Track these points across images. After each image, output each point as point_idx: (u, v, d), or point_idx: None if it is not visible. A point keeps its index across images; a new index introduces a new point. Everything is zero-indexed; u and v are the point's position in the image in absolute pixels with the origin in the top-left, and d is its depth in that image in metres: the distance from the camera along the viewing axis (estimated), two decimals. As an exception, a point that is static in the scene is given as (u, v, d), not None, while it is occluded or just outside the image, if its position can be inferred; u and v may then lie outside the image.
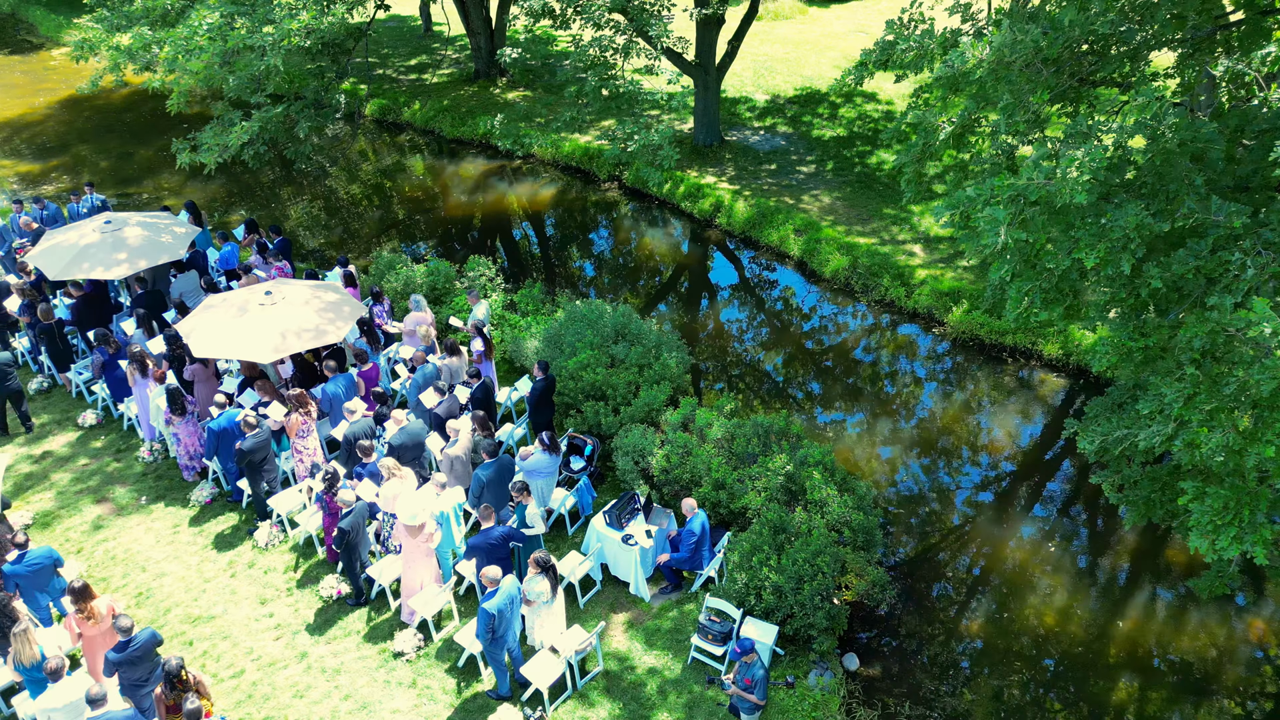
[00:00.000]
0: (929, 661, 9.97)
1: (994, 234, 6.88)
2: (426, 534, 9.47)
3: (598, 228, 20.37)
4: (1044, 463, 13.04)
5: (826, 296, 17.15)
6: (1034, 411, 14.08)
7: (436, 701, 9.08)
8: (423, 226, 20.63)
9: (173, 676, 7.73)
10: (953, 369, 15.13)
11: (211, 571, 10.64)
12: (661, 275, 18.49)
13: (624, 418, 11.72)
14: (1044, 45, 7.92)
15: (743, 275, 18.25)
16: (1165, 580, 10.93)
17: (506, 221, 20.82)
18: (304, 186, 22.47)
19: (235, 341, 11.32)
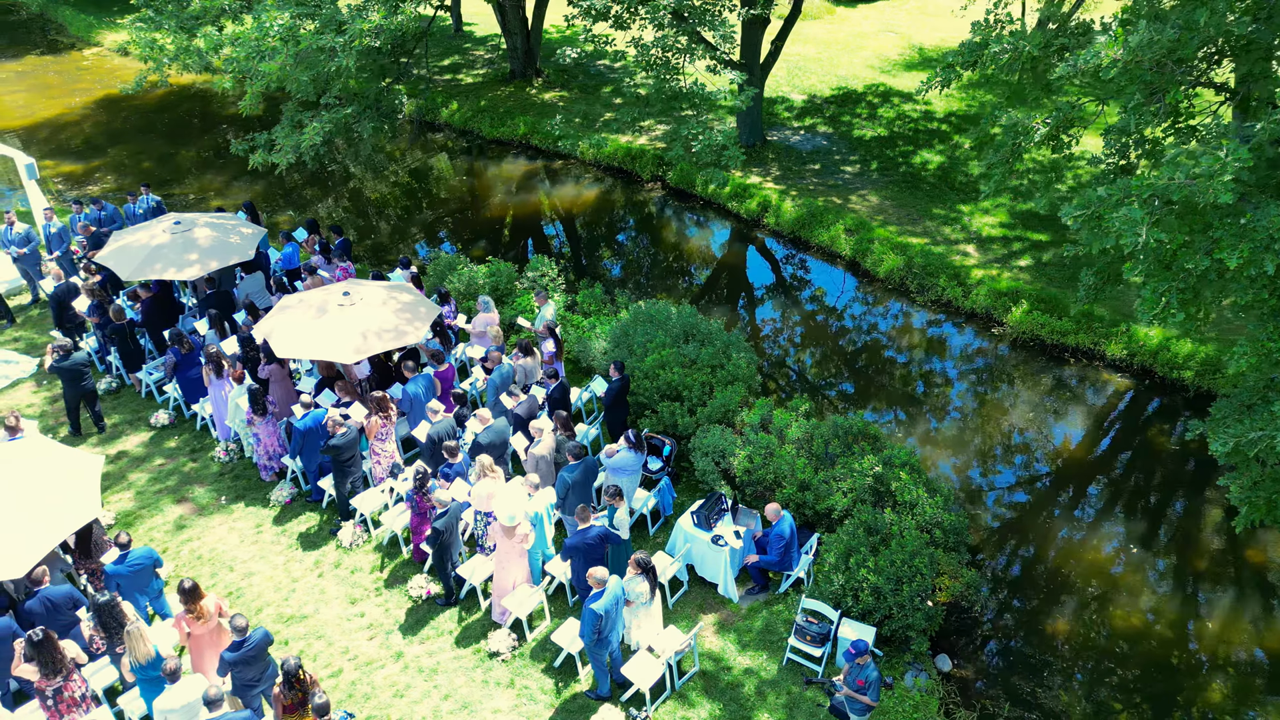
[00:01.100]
0: (1019, 662, 9.97)
1: (1133, 234, 6.85)
2: (522, 535, 9.49)
3: (646, 228, 20.37)
4: (1118, 463, 13.02)
5: (881, 297, 17.14)
6: (1104, 412, 14.06)
7: (536, 701, 9.10)
8: (470, 227, 20.65)
9: (292, 676, 7.76)
10: (1016, 369, 15.11)
11: (299, 571, 10.67)
12: (713, 275, 18.49)
13: (700, 418, 11.73)
14: (1178, 44, 7.89)
15: (795, 275, 18.23)
16: (1254, 580, 10.92)
17: (553, 221, 20.83)
18: (346, 187, 22.52)
19: (317, 342, 11.35)
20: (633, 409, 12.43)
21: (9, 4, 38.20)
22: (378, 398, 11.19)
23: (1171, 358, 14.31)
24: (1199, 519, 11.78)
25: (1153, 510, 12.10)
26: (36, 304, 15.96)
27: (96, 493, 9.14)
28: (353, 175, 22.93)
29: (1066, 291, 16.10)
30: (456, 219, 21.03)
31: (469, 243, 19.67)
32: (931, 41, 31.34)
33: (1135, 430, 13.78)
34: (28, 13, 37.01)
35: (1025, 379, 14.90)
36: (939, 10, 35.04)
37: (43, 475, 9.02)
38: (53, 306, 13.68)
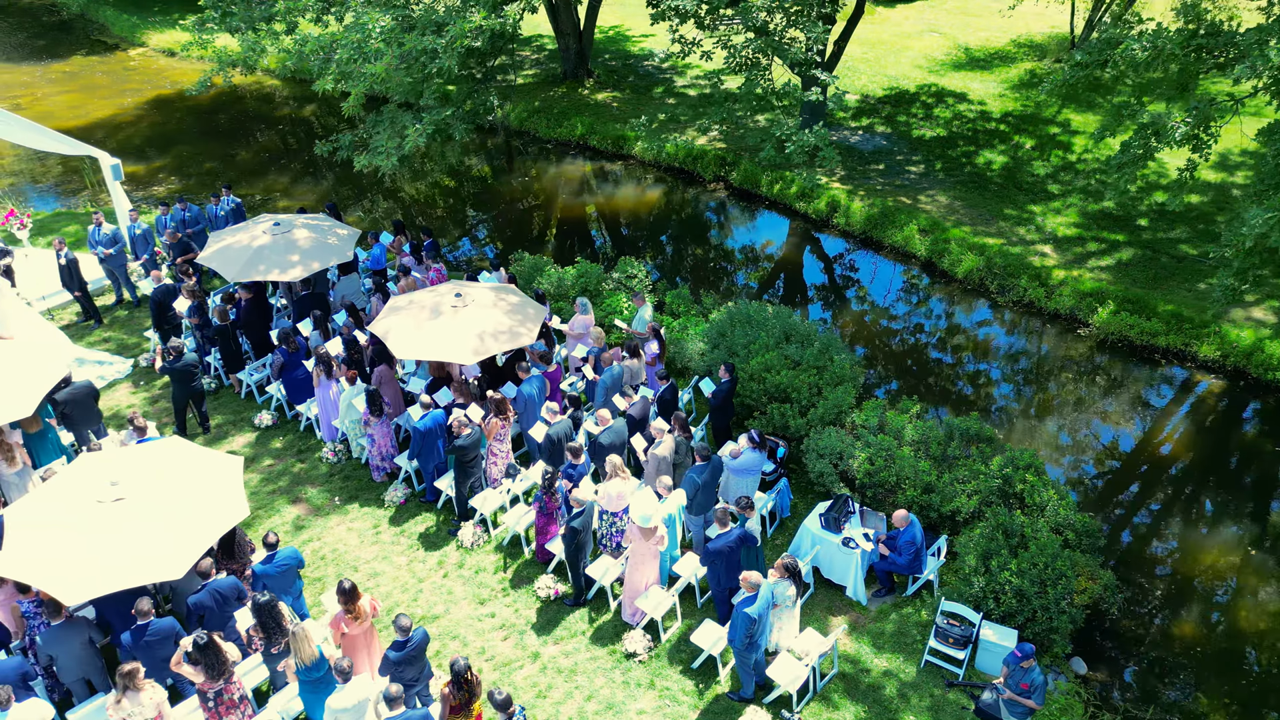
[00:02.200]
0: (1152, 663, 9.95)
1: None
2: (659, 536, 9.51)
3: (716, 228, 20.38)
4: (1222, 464, 12.99)
5: (960, 298, 17.12)
6: (1202, 413, 14.04)
7: (679, 703, 9.12)
8: (538, 227, 20.67)
9: (461, 676, 7.79)
10: (1107, 370, 15.08)
11: (423, 571, 10.71)
12: (788, 275, 18.47)
13: (812, 419, 11.73)
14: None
15: (871, 275, 18.20)
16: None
17: (622, 222, 20.82)
18: (412, 188, 22.56)
19: (434, 343, 11.38)
20: (738, 410, 12.44)
21: (50, 5, 38.37)
22: (497, 399, 11.21)
23: (1266, 359, 14.27)
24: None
25: (1268, 512, 12.07)
26: (121, 304, 16.04)
27: (242, 493, 9.18)
28: (416, 176, 22.96)
29: (1152, 292, 16.08)
30: (521, 219, 21.05)
31: (539, 243, 19.68)
32: (976, 42, 31.28)
33: (1234, 431, 13.76)
34: (68, 13, 37.12)
35: (1118, 380, 14.87)
36: (979, 9, 34.96)
37: (189, 476, 9.05)
38: (152, 308, 13.73)
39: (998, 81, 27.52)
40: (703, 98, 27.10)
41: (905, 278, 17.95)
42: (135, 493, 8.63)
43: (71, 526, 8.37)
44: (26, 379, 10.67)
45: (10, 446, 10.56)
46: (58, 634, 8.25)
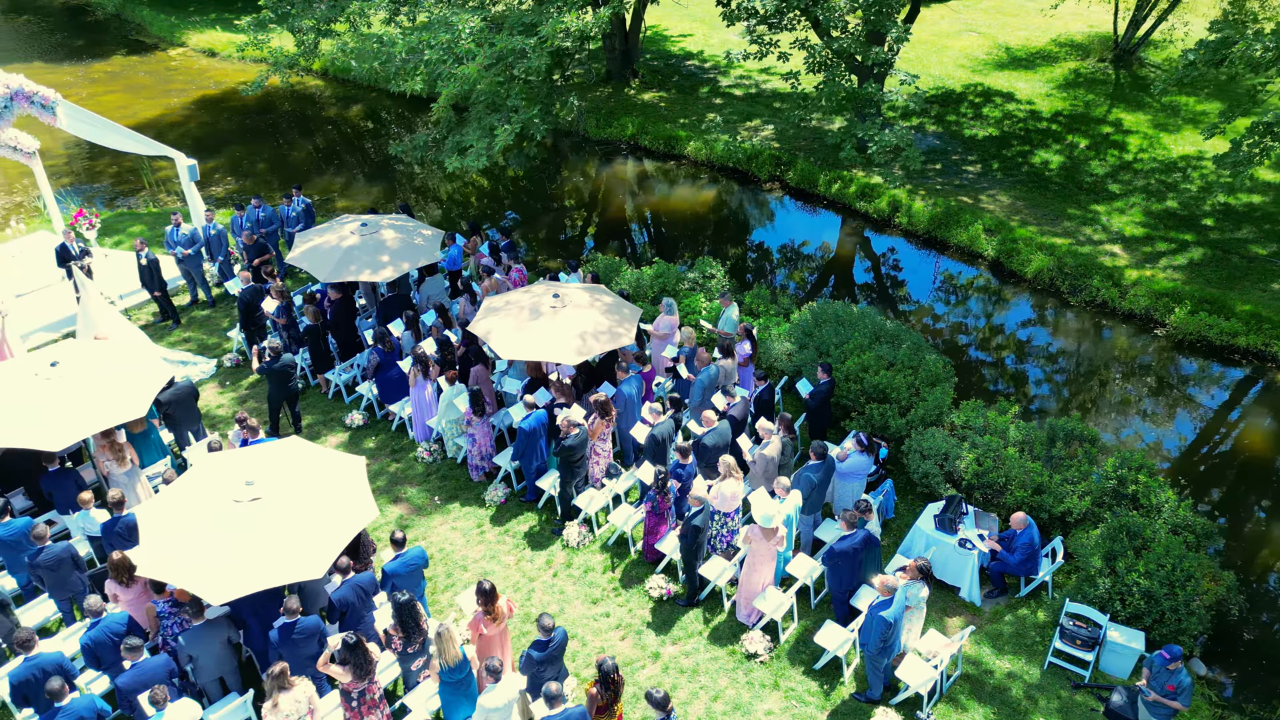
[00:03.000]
0: (1276, 666, 9.92)
1: None
2: (779, 537, 9.51)
3: (778, 227, 20.34)
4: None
5: (1031, 298, 17.08)
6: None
7: (805, 704, 9.12)
8: (596, 227, 20.67)
9: (609, 675, 7.81)
10: (1188, 370, 15.04)
11: (532, 570, 10.72)
12: (854, 275, 18.44)
13: (912, 420, 11.72)
14: None
15: (938, 275, 18.16)
16: None
17: (681, 222, 20.78)
18: (468, 189, 22.55)
19: (537, 343, 11.40)
20: (834, 410, 12.43)
21: (84, 5, 38.47)
22: (601, 400, 11.22)
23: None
24: None
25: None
26: (195, 304, 16.08)
27: (368, 492, 9.19)
28: (473, 177, 22.94)
29: (1228, 292, 16.03)
30: (578, 219, 21.05)
31: (600, 244, 19.68)
32: (1016, 41, 31.23)
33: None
34: (103, 13, 37.21)
35: (1201, 380, 14.84)
36: (1014, 9, 34.92)
37: (319, 475, 9.07)
38: (240, 308, 13.77)
39: (1043, 81, 27.47)
40: (749, 97, 27.17)
41: (973, 278, 17.92)
42: (271, 492, 8.65)
43: (210, 526, 8.39)
44: (136, 380, 10.70)
45: (121, 447, 10.60)
46: (200, 633, 8.28)
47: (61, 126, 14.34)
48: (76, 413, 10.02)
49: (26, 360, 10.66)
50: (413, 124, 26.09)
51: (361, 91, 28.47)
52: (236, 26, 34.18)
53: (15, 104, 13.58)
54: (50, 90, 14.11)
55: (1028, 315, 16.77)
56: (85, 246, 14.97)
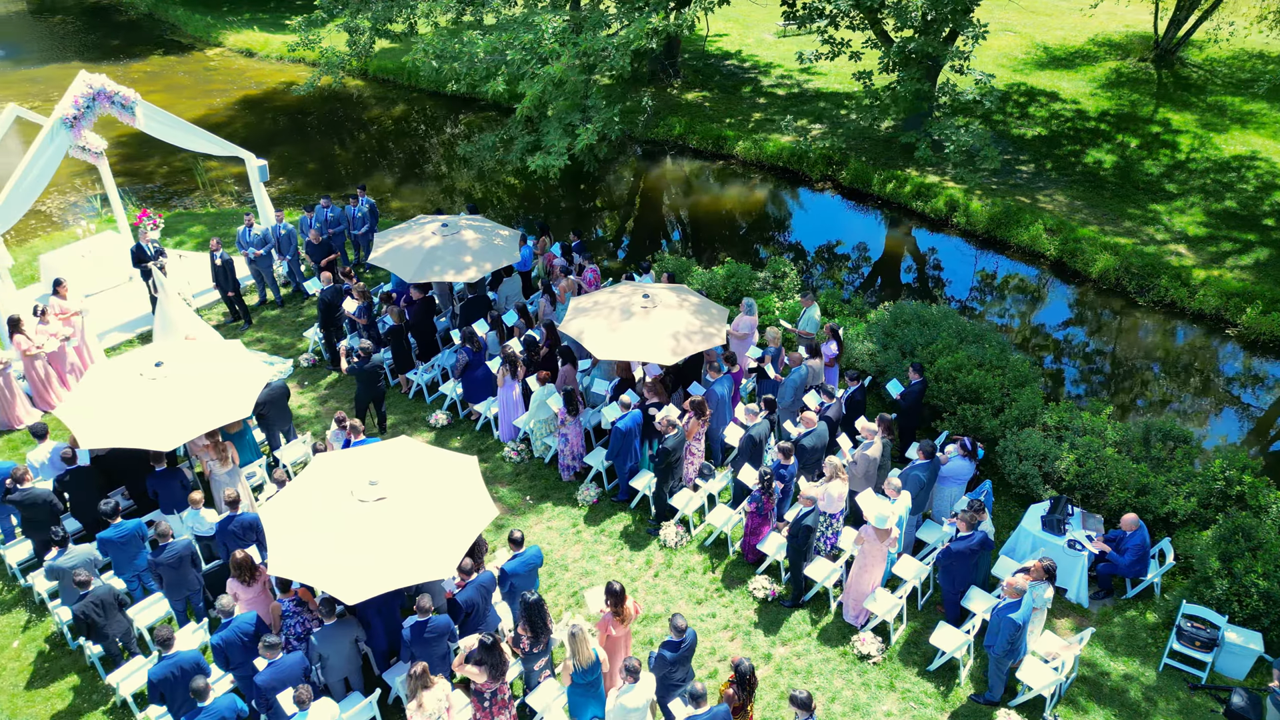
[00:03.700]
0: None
1: None
2: (892, 538, 9.50)
3: (835, 227, 20.31)
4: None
5: (1096, 298, 17.03)
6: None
7: (924, 705, 9.10)
8: (653, 227, 20.62)
9: (746, 676, 7.81)
10: (1267, 369, 14.99)
11: (632, 570, 10.72)
12: (915, 274, 18.39)
13: (1006, 420, 11.70)
14: None
15: (1000, 274, 18.11)
16: None
17: (739, 221, 20.76)
18: (519, 189, 22.54)
19: (632, 343, 11.41)
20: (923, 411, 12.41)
21: (116, 4, 38.55)
22: (696, 400, 11.22)
23: None
24: None
25: None
26: (264, 305, 16.11)
27: (485, 492, 9.20)
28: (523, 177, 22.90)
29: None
30: (633, 218, 21.00)
31: (660, 243, 19.66)
32: (1054, 40, 31.16)
33: None
34: (136, 12, 37.30)
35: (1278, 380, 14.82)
36: (1048, 8, 34.88)
37: (437, 475, 9.07)
38: (321, 308, 13.78)
39: (1085, 80, 27.39)
40: (792, 97, 27.14)
41: (1036, 278, 17.88)
42: (395, 492, 8.66)
43: (338, 526, 8.40)
44: (239, 380, 10.73)
45: (225, 446, 10.61)
46: (332, 633, 8.29)
47: (139, 126, 14.37)
48: (185, 413, 10.05)
49: (130, 360, 10.68)
50: (456, 124, 26.12)
51: (401, 92, 28.49)
52: (279, 26, 34.36)
53: (98, 104, 13.61)
54: (130, 90, 14.15)
55: (1095, 315, 16.73)
56: (160, 247, 15.00)
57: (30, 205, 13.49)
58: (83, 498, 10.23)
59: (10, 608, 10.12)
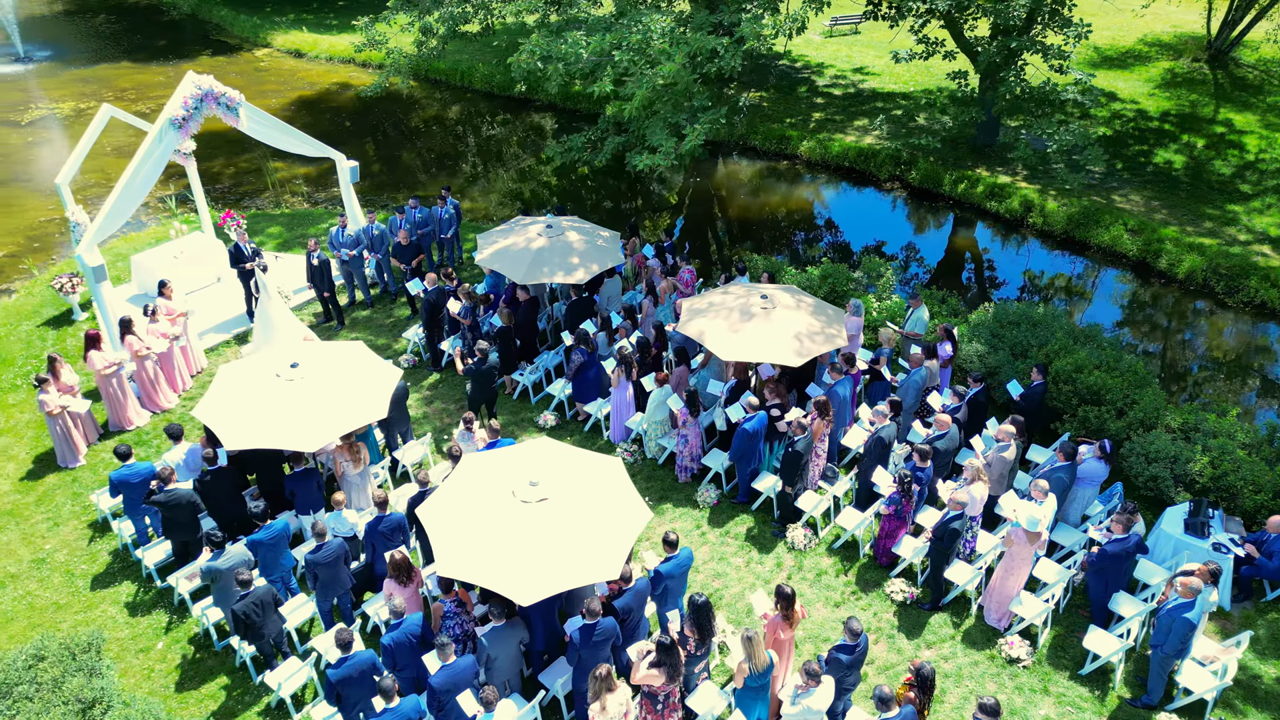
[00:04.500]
0: None
1: None
2: (1042, 540, 9.46)
3: (912, 227, 20.25)
4: None
5: (1183, 299, 16.95)
6: None
7: (1081, 709, 9.05)
8: (726, 227, 20.57)
9: (928, 679, 7.78)
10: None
11: (763, 573, 10.69)
12: (999, 274, 18.28)
13: (1130, 422, 11.64)
14: None
15: (1082, 274, 18.02)
16: None
17: (811, 222, 20.71)
18: (585, 189, 22.50)
19: (756, 344, 11.37)
20: (1039, 412, 12.36)
21: (157, 5, 38.63)
22: (821, 402, 11.18)
23: None
24: None
25: None
26: (354, 305, 16.12)
27: (636, 494, 9.16)
28: (588, 176, 22.89)
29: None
30: (709, 219, 20.94)
31: (737, 242, 19.62)
32: (1104, 41, 31.02)
33: None
34: (178, 13, 37.39)
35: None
36: (1093, 9, 34.68)
37: (585, 476, 9.03)
38: (425, 309, 13.78)
39: (1141, 81, 27.28)
40: (848, 97, 27.08)
41: (1120, 278, 17.79)
42: (556, 493, 8.65)
43: (502, 526, 8.38)
44: (373, 380, 10.73)
45: (358, 448, 10.62)
46: (502, 634, 8.27)
47: (241, 127, 14.38)
48: (325, 413, 10.06)
49: (264, 362, 10.69)
50: (514, 124, 26.13)
51: (454, 93, 28.50)
52: (324, 27, 34.36)
53: (205, 105, 13.62)
54: (235, 92, 14.16)
55: (1187, 317, 16.64)
56: (256, 247, 15.02)
57: (138, 206, 13.51)
58: (220, 498, 10.23)
59: (149, 609, 10.13)
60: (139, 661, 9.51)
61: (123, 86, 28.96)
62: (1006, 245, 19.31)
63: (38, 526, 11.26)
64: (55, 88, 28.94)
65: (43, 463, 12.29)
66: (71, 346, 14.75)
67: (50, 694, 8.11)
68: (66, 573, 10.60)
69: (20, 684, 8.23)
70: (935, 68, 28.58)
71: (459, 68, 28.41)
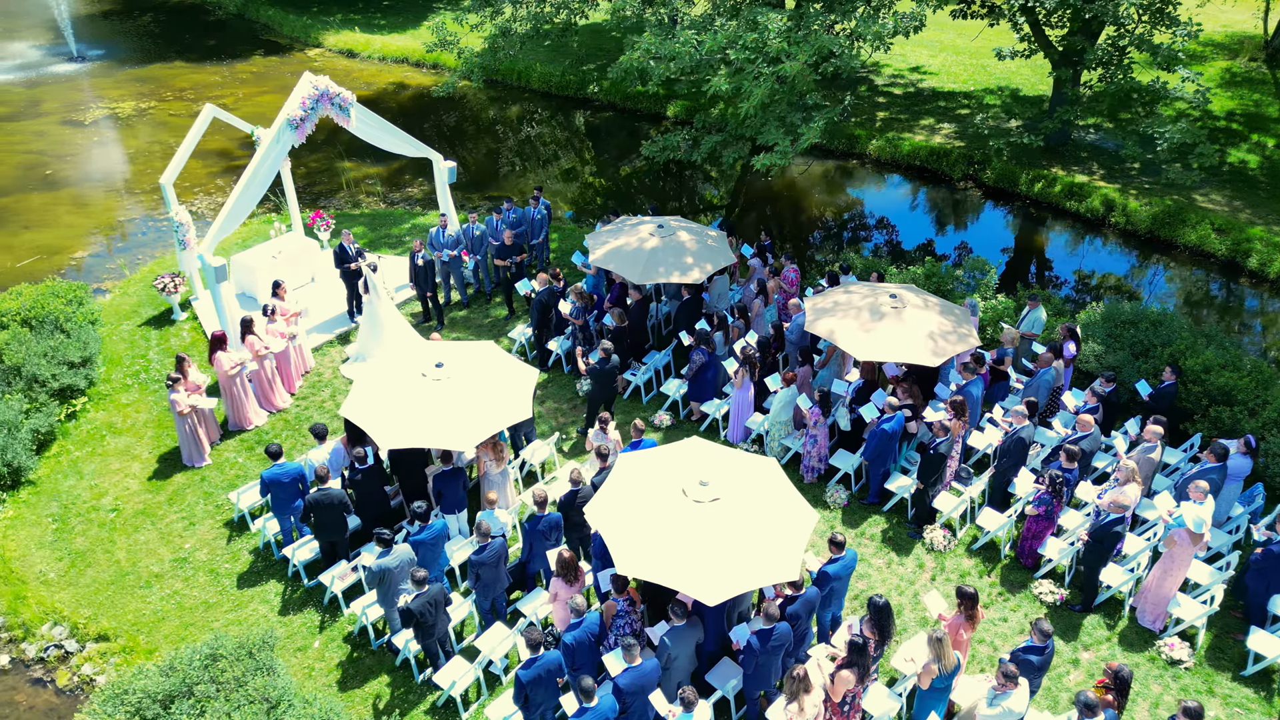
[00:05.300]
0: None
1: None
2: (1204, 542, 9.40)
3: (992, 227, 20.18)
4: None
5: (1275, 296, 16.86)
6: None
7: (1250, 710, 8.98)
8: (809, 226, 20.54)
9: (1127, 681, 7.74)
10: None
11: (906, 574, 10.65)
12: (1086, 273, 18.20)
13: (1264, 421, 11.57)
14: None
15: (1171, 274, 17.92)
16: None
17: (886, 221, 20.64)
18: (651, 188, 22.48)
19: (890, 344, 11.33)
20: (1166, 413, 12.29)
21: (202, 5, 38.70)
22: (958, 401, 11.14)
23: None
24: None
25: None
26: (449, 306, 16.12)
27: (798, 494, 9.13)
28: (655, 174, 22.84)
29: None
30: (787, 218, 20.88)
31: (822, 242, 19.59)
32: (1156, 39, 30.84)
33: None
34: (225, 12, 37.45)
35: None
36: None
37: (746, 476, 8.99)
38: (536, 309, 13.79)
39: (1202, 81, 27.14)
40: (908, 96, 27.00)
41: (1208, 278, 17.69)
42: (727, 493, 8.63)
43: (677, 526, 8.35)
44: (516, 380, 10.72)
45: (501, 446, 10.62)
46: (682, 634, 8.25)
47: (350, 127, 14.42)
48: (475, 412, 10.06)
49: (408, 362, 10.69)
50: (575, 124, 26.13)
51: (511, 92, 28.50)
52: (373, 27, 34.37)
53: (320, 105, 13.65)
54: (349, 92, 14.19)
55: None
56: (360, 248, 15.03)
57: (254, 206, 13.55)
58: (368, 497, 10.25)
59: (300, 608, 10.15)
60: (298, 660, 9.53)
61: (180, 86, 29.03)
62: (1090, 245, 19.22)
63: (174, 526, 11.29)
64: (112, 87, 29.03)
65: (167, 462, 12.33)
66: (176, 346, 14.79)
67: (234, 693, 8.12)
68: (210, 571, 10.63)
69: (200, 683, 8.24)
70: (993, 67, 28.56)
71: (515, 67, 28.39)
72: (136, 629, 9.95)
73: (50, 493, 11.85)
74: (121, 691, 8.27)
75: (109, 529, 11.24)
